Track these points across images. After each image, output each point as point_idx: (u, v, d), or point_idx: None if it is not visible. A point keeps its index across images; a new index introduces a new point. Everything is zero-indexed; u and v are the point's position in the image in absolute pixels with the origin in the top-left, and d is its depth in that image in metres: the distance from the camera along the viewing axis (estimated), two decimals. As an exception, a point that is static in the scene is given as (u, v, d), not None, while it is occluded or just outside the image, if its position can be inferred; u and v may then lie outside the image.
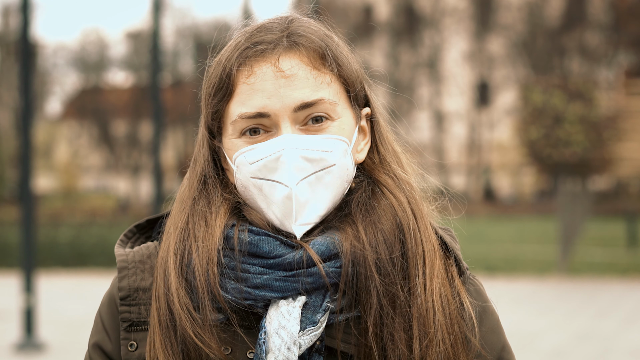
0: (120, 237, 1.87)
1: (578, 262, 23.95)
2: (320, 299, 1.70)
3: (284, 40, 1.76)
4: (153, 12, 16.16)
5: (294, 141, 1.72)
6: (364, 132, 1.83)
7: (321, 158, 1.73)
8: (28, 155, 12.97)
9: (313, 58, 1.76)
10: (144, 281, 1.78)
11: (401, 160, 1.85)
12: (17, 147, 29.23)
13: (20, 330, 13.01)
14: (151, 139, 17.62)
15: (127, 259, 1.80)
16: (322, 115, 1.75)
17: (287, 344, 1.66)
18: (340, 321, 1.71)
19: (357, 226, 1.74)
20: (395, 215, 1.75)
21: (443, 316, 1.72)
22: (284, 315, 1.68)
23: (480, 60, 60.48)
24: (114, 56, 64.28)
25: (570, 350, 12.39)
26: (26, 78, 12.99)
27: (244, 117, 1.74)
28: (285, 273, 1.70)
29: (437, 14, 60.16)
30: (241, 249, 1.72)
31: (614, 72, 56.91)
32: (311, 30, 1.79)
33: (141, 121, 57.99)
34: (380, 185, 1.79)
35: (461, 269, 1.82)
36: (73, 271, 23.71)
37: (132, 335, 1.77)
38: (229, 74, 1.76)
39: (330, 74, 1.77)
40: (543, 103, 49.03)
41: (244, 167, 1.75)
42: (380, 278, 1.70)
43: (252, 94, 1.74)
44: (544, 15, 57.88)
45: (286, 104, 1.72)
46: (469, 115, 60.88)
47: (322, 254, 1.71)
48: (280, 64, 1.74)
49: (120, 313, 1.78)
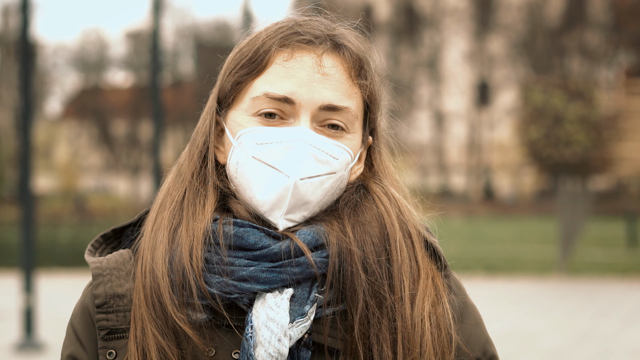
0: (88, 247, 1.83)
1: (578, 262, 23.95)
2: (307, 290, 1.68)
3: (329, 40, 1.76)
4: (153, 12, 16.16)
5: (310, 137, 1.70)
6: (360, 159, 1.81)
7: (327, 162, 1.71)
8: (28, 155, 12.97)
9: (352, 67, 1.76)
10: (121, 287, 1.73)
11: (400, 186, 1.83)
12: (17, 147, 29.23)
13: (20, 330, 13.01)
14: (151, 139, 17.62)
15: (101, 266, 1.75)
16: (340, 124, 1.73)
17: (278, 335, 1.64)
18: (327, 315, 1.68)
19: (344, 222, 1.72)
20: (383, 225, 1.73)
21: (432, 337, 1.70)
22: (271, 308, 1.65)
23: (480, 60, 60.47)
24: (114, 56, 64.32)
25: (570, 350, 12.38)
26: (26, 78, 12.99)
27: (269, 97, 1.71)
28: (272, 264, 1.67)
29: (437, 14, 60.17)
30: (226, 242, 1.69)
31: (614, 72, 56.91)
32: (355, 40, 1.80)
33: (141, 121, 57.99)
34: (371, 193, 1.77)
35: (443, 262, 1.78)
36: (73, 271, 23.71)
37: (111, 344, 1.72)
38: (267, 50, 1.74)
39: (358, 88, 1.76)
40: (543, 103, 49.00)
41: (247, 146, 1.72)
42: (366, 276, 1.68)
43: (284, 77, 1.72)
44: (544, 15, 57.88)
45: (314, 98, 1.71)
46: (469, 115, 60.88)
47: (309, 243, 1.68)
48: (321, 60, 1.73)
49: (98, 321, 1.73)
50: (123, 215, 32.56)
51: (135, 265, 1.74)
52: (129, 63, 62.58)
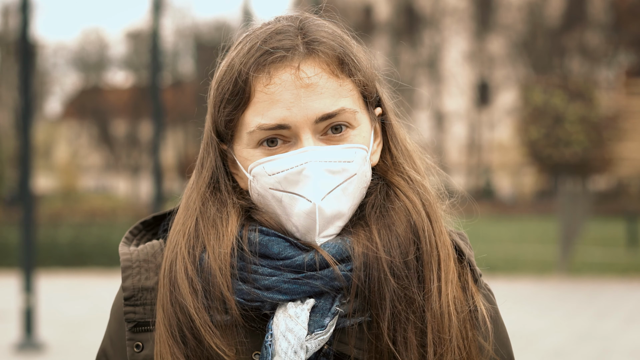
0: (125, 234, 1.83)
1: (578, 262, 23.95)
2: (330, 302, 1.67)
3: (301, 46, 1.71)
4: (153, 12, 16.17)
5: (317, 154, 1.68)
6: (376, 132, 1.79)
7: (343, 169, 1.69)
8: (28, 155, 12.97)
9: (332, 64, 1.71)
10: (149, 280, 1.75)
11: (414, 160, 1.81)
12: (17, 147, 29.23)
13: (20, 330, 13.01)
14: (151, 139, 17.61)
15: (131, 258, 1.77)
16: (342, 124, 1.71)
17: (294, 347, 1.63)
18: (352, 325, 1.67)
19: (371, 229, 1.70)
20: (409, 217, 1.71)
21: (457, 322, 1.69)
22: (291, 318, 1.65)
23: (480, 60, 60.47)
24: (114, 56, 64.31)
25: (570, 350, 12.38)
26: (26, 78, 12.99)
27: (263, 129, 1.69)
28: (294, 275, 1.66)
29: (437, 14, 60.16)
30: (251, 250, 1.68)
31: (614, 72, 56.91)
32: (327, 34, 1.74)
33: (141, 121, 57.98)
34: (394, 187, 1.75)
35: (475, 275, 1.78)
36: (73, 271, 23.70)
37: (138, 336, 1.73)
38: (246, 80, 1.70)
39: (348, 79, 1.73)
40: (543, 103, 49.00)
41: (262, 178, 1.70)
42: (394, 281, 1.66)
43: (271, 104, 1.68)
44: (544, 15, 57.87)
45: (307, 115, 1.68)
46: (469, 115, 60.88)
47: (334, 255, 1.67)
48: (300, 72, 1.69)
49: (125, 314, 1.74)
50: (123, 216, 32.54)
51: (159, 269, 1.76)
52: (129, 63, 62.57)
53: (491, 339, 1.76)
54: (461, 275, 1.76)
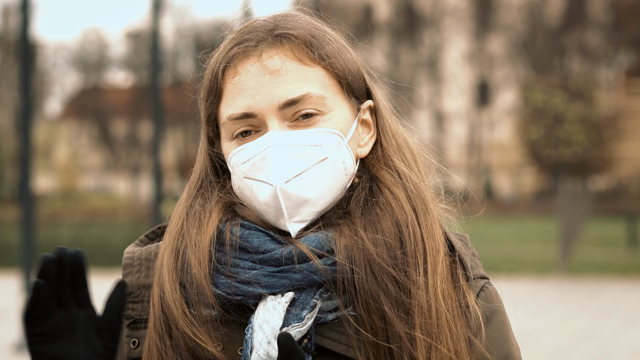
0: (140, 237, 1.86)
1: (578, 262, 23.96)
2: (310, 296, 1.66)
3: (268, 38, 1.73)
4: (153, 12, 16.16)
5: (280, 138, 1.68)
6: (369, 125, 1.79)
7: (311, 153, 1.69)
8: (28, 155, 12.97)
9: (297, 51, 1.72)
10: (148, 278, 1.77)
11: (405, 155, 1.80)
12: (17, 147, 29.21)
13: (20, 330, 13.02)
14: (151, 139, 17.61)
15: (133, 257, 1.79)
16: (311, 111, 1.71)
17: (268, 337, 1.63)
18: (330, 320, 1.67)
19: (355, 225, 1.69)
20: (393, 213, 1.70)
21: (446, 316, 1.68)
22: (269, 310, 1.65)
23: (480, 60, 60.48)
24: (114, 56, 64.33)
25: (570, 350, 12.39)
26: (26, 78, 12.99)
27: (232, 119, 1.72)
28: (274, 269, 1.66)
29: (437, 14, 60.17)
30: (232, 244, 1.69)
31: (614, 72, 56.93)
32: (297, 24, 1.75)
33: (141, 121, 57.98)
34: (378, 182, 1.74)
35: (466, 272, 1.75)
36: (73, 271, 23.69)
37: (135, 333, 1.75)
38: (216, 76, 1.74)
39: (318, 66, 1.72)
40: (543, 103, 49.05)
41: (238, 168, 1.72)
42: (379, 275, 1.66)
43: (237, 94, 1.71)
44: (544, 15, 57.89)
45: (271, 102, 1.69)
46: (469, 115, 60.89)
47: (312, 250, 1.67)
48: (263, 60, 1.71)
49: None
50: (123, 215, 32.54)
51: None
52: (129, 63, 62.59)
53: (484, 338, 1.73)
54: (453, 270, 1.74)
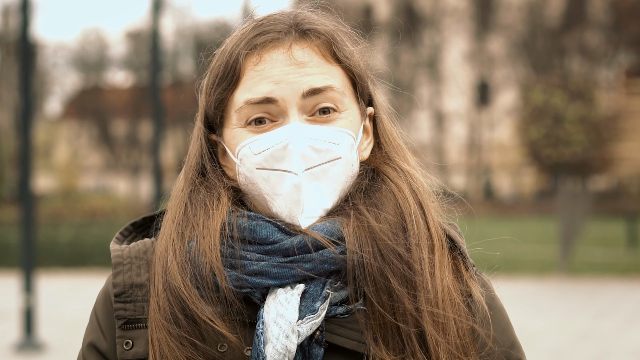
0: (116, 235, 1.82)
1: (578, 262, 23.96)
2: (320, 287, 1.65)
3: (293, 30, 1.74)
4: (153, 12, 16.17)
5: (303, 130, 1.68)
6: (367, 131, 1.79)
7: (328, 149, 1.69)
8: (28, 155, 12.97)
9: (323, 48, 1.73)
10: (140, 277, 1.73)
11: (405, 154, 1.80)
12: (17, 147, 29.22)
13: (20, 330, 13.01)
14: (151, 139, 17.62)
15: (122, 255, 1.76)
16: (329, 106, 1.71)
17: (286, 331, 1.61)
18: (340, 313, 1.66)
19: (359, 208, 1.69)
20: (396, 202, 1.70)
21: (452, 307, 1.67)
22: (282, 304, 1.63)
23: (480, 60, 60.46)
24: (114, 56, 64.29)
25: (570, 350, 12.39)
26: (26, 78, 12.99)
27: (250, 103, 1.70)
28: (283, 259, 1.65)
29: (437, 14, 60.16)
30: (239, 235, 1.67)
31: (614, 72, 56.92)
32: (320, 21, 1.77)
33: (141, 121, 57.96)
34: (381, 175, 1.75)
35: (466, 263, 1.76)
36: (73, 271, 23.71)
37: (128, 334, 1.71)
38: (236, 61, 1.72)
39: (339, 65, 1.74)
40: (543, 103, 49.03)
41: (248, 159, 1.70)
42: (384, 253, 1.65)
43: (259, 80, 1.70)
44: (544, 15, 57.88)
45: (295, 89, 1.69)
46: (469, 115, 60.88)
47: (324, 238, 1.66)
48: (291, 52, 1.71)
49: (115, 310, 1.72)
50: (123, 215, 32.53)
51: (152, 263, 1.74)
52: (129, 63, 62.57)
53: (491, 328, 1.74)
54: (454, 262, 1.74)
